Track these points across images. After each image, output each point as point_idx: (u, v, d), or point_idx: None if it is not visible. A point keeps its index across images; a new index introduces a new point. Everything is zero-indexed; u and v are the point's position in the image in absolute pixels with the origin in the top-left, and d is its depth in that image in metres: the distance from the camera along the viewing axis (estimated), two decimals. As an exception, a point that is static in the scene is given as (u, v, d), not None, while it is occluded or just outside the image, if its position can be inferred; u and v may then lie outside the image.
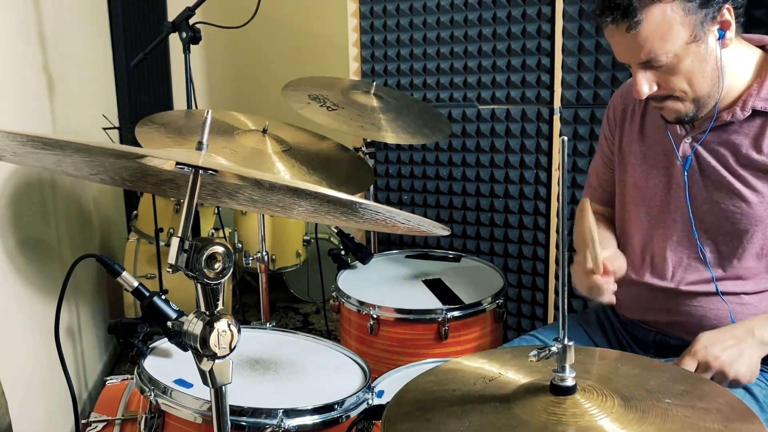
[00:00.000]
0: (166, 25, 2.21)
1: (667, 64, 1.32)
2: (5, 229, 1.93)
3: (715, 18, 1.30)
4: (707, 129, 1.42)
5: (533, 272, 2.56)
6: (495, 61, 2.48)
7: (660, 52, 1.30)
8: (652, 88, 1.36)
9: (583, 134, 2.35)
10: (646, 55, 1.31)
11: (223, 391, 1.00)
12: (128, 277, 1.34)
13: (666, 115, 1.43)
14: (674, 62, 1.32)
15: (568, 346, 0.95)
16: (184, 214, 0.95)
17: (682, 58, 1.31)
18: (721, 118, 1.40)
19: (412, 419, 0.96)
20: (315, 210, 1.07)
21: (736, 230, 1.41)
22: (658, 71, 1.34)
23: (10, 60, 1.97)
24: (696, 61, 1.32)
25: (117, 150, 0.84)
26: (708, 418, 0.91)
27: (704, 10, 1.28)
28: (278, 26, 3.71)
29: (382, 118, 2.18)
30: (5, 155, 1.02)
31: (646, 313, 1.56)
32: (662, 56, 1.31)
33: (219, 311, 0.95)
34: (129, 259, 2.77)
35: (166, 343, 1.54)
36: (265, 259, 2.18)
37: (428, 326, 1.91)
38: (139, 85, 3.24)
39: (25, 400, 1.93)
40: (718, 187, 1.42)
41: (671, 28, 1.28)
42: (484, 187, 2.59)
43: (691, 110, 1.38)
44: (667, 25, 1.28)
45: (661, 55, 1.31)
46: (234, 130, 1.89)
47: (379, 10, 2.63)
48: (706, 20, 1.29)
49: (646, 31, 1.29)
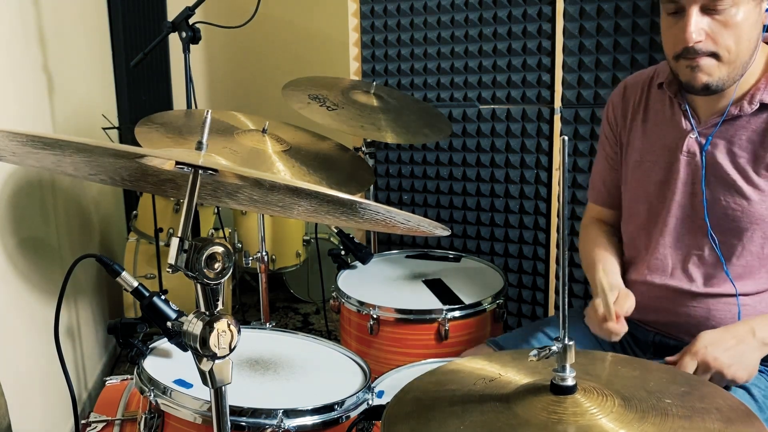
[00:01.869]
0: (166, 25, 2.21)
1: (726, 12, 1.29)
2: (5, 229, 1.93)
3: None
4: (718, 123, 1.41)
5: (533, 272, 2.56)
6: (495, 61, 2.48)
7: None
8: (700, 35, 1.31)
9: (583, 134, 2.35)
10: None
11: (222, 392, 1.00)
12: (128, 277, 1.34)
13: (694, 81, 1.37)
14: (732, 13, 1.29)
15: (569, 345, 0.94)
16: (183, 214, 0.95)
17: (740, 12, 1.29)
18: (728, 112, 1.40)
19: (412, 419, 0.96)
20: (315, 210, 1.07)
21: (736, 229, 1.41)
22: (714, 19, 1.30)
23: (9, 60, 1.97)
24: (750, 21, 1.30)
25: (117, 150, 0.84)
26: (708, 418, 0.91)
27: None
28: (278, 26, 3.71)
29: (382, 118, 2.18)
30: (5, 155, 1.02)
31: (646, 313, 1.56)
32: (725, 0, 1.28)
33: (219, 311, 0.95)
34: (129, 259, 2.77)
35: (166, 343, 1.54)
36: (265, 259, 2.18)
37: (428, 326, 1.91)
38: (138, 85, 3.24)
39: (24, 400, 1.92)
40: (721, 184, 1.42)
41: None
42: (484, 187, 2.59)
43: (723, 77, 1.35)
44: None
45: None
46: (234, 130, 1.89)
47: (380, 9, 2.63)
48: None
49: None
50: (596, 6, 2.25)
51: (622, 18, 2.22)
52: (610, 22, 2.24)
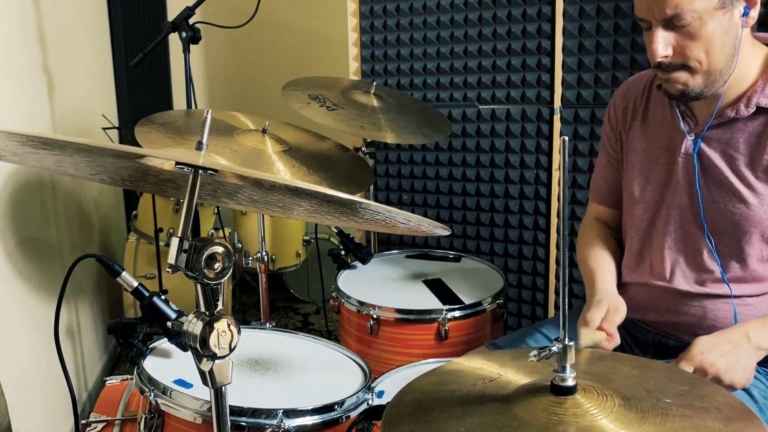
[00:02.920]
0: (166, 25, 2.21)
1: (690, 25, 1.28)
2: (5, 229, 1.93)
3: None
4: (707, 125, 1.41)
5: (533, 272, 2.56)
6: (495, 61, 2.48)
7: (687, 8, 1.26)
8: (667, 50, 1.31)
9: (583, 134, 2.35)
10: (672, 10, 1.27)
11: (222, 392, 1.00)
12: (128, 277, 1.34)
13: (670, 89, 1.38)
14: (697, 25, 1.28)
15: (569, 346, 0.95)
16: (183, 214, 0.95)
17: (706, 23, 1.27)
18: (725, 114, 1.39)
19: (412, 420, 0.96)
20: (315, 210, 1.07)
21: (734, 231, 1.41)
22: (679, 33, 1.30)
23: (9, 60, 1.97)
24: (718, 30, 1.29)
25: (117, 150, 0.84)
26: (708, 417, 0.91)
27: None
28: (278, 26, 3.71)
29: (382, 118, 2.18)
30: (5, 155, 1.02)
31: (646, 313, 1.56)
32: (688, 14, 1.26)
33: (219, 311, 0.95)
34: (129, 259, 2.77)
35: (166, 343, 1.54)
36: (265, 259, 2.18)
37: (428, 326, 1.91)
38: (138, 85, 3.24)
39: (24, 400, 1.92)
40: (719, 186, 1.42)
41: None
42: (484, 187, 2.59)
43: (699, 85, 1.34)
44: None
45: (687, 12, 1.26)
46: (234, 130, 1.89)
47: (379, 9, 2.63)
48: None
49: None
50: (596, 6, 2.24)
51: (622, 18, 2.22)
52: (610, 22, 2.24)
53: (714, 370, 1.27)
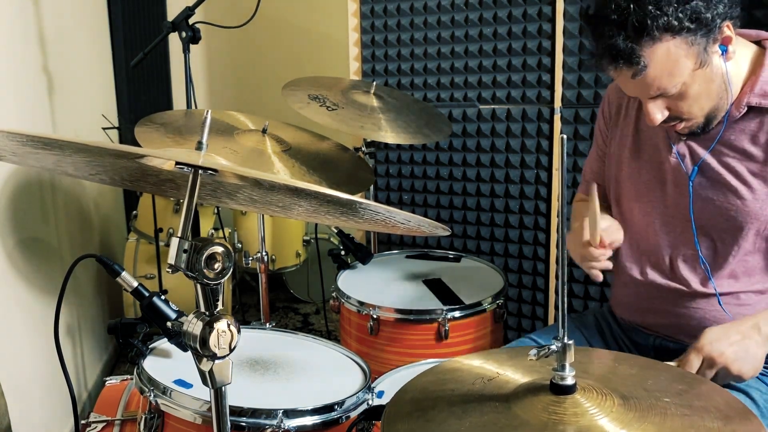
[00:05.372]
0: (166, 25, 2.21)
1: (678, 91, 1.33)
2: (5, 229, 1.93)
3: (716, 39, 1.29)
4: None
5: (533, 272, 2.56)
6: (495, 61, 2.48)
7: (669, 86, 1.31)
8: (663, 115, 1.36)
9: (583, 134, 2.35)
10: (656, 92, 1.32)
11: (222, 392, 1.00)
12: (128, 277, 1.34)
13: (675, 131, 1.43)
14: (683, 89, 1.32)
15: (568, 344, 0.95)
16: (183, 214, 0.95)
17: (690, 84, 1.32)
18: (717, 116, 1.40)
19: (411, 419, 0.96)
20: (315, 210, 1.07)
21: (731, 227, 1.41)
22: (669, 98, 1.35)
23: (9, 60, 1.97)
24: (703, 83, 1.32)
25: (116, 150, 0.84)
26: (707, 416, 0.91)
27: (706, 37, 1.27)
28: (278, 26, 3.71)
29: (382, 118, 2.18)
30: (5, 155, 1.02)
31: (646, 315, 1.56)
32: (671, 88, 1.31)
33: (219, 311, 0.95)
34: (129, 259, 2.77)
35: (166, 343, 1.54)
36: (265, 259, 2.18)
37: (428, 326, 1.91)
38: (138, 85, 3.24)
39: (24, 400, 1.93)
40: (713, 184, 1.42)
41: (677, 63, 1.28)
42: (484, 187, 2.59)
43: (701, 124, 1.39)
44: (673, 61, 1.28)
45: (670, 88, 1.31)
46: (234, 130, 1.89)
47: (380, 9, 2.63)
48: (709, 43, 1.28)
49: (654, 72, 1.29)
50: (596, 6, 2.24)
51: (622, 18, 2.22)
52: (610, 22, 2.24)
53: (723, 360, 1.27)
